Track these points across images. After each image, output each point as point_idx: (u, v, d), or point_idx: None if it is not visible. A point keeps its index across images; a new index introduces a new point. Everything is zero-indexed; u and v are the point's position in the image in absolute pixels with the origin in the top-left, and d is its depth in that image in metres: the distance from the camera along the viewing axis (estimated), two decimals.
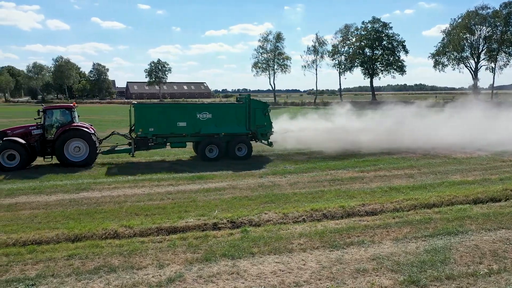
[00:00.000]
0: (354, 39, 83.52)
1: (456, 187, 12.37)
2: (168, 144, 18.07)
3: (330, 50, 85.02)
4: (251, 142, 18.60)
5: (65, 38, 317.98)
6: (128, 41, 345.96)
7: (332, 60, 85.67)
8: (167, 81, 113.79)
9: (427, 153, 19.06)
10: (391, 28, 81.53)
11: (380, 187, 12.62)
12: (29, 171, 15.58)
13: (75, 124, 16.82)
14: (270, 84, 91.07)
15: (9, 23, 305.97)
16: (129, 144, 17.77)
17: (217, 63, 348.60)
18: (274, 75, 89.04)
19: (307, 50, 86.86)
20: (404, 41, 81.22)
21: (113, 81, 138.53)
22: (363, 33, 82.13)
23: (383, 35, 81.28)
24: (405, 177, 14.07)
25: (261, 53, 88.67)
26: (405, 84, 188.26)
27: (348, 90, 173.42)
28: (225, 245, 8.02)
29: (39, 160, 16.87)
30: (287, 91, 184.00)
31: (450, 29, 74.84)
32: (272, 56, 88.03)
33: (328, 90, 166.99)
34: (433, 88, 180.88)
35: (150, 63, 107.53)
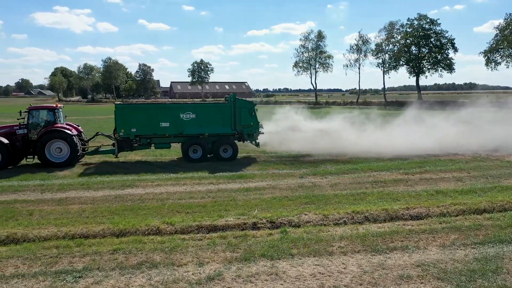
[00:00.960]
0: (399, 37, 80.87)
1: (509, 192, 11.64)
2: (152, 145, 17.92)
3: (374, 49, 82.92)
4: (237, 142, 18.23)
5: (114, 40, 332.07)
6: (173, 42, 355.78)
7: (376, 58, 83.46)
8: (210, 80, 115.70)
9: (477, 155, 18.10)
10: (439, 24, 78.19)
11: (425, 190, 12.12)
12: (78, 167, 16.30)
13: (57, 125, 16.82)
14: (312, 83, 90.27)
15: (63, 26, 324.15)
16: (113, 144, 17.79)
17: (258, 62, 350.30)
18: (315, 74, 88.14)
19: (350, 49, 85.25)
20: (454, 38, 77.34)
21: (158, 81, 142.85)
22: (408, 30, 79.33)
23: (431, 32, 78.08)
24: (453, 180, 13.43)
25: (302, 52, 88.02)
26: (453, 83, 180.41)
27: (392, 89, 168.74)
28: (264, 245, 7.99)
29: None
30: (329, 90, 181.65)
31: (504, 24, 70.68)
32: (313, 55, 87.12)
33: (371, 89, 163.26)
34: (484, 86, 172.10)
35: (193, 63, 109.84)
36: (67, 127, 17.02)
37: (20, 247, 7.98)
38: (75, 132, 16.99)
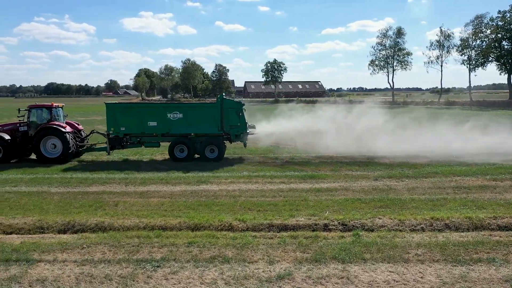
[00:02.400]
0: (489, 31, 74.37)
1: None
2: (143, 143, 18.20)
3: (459, 44, 77.21)
4: (224, 143, 18.14)
5: (192, 42, 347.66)
6: (248, 42, 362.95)
7: (461, 55, 77.64)
8: (283, 80, 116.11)
9: None
10: None
11: None
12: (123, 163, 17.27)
13: (53, 122, 17.70)
14: (388, 82, 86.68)
15: (147, 30, 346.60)
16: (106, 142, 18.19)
17: (333, 61, 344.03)
18: (393, 72, 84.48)
19: (431, 45, 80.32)
20: None
21: (232, 80, 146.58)
22: (500, 23, 72.62)
23: None
24: None
25: (380, 50, 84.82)
26: None
27: (479, 88, 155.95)
28: (335, 247, 7.84)
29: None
30: (407, 89, 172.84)
31: None
32: (391, 53, 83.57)
33: (454, 88, 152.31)
34: None
35: (267, 63, 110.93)
36: (62, 124, 17.91)
37: (106, 235, 8.67)
38: (69, 130, 17.90)
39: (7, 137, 17.36)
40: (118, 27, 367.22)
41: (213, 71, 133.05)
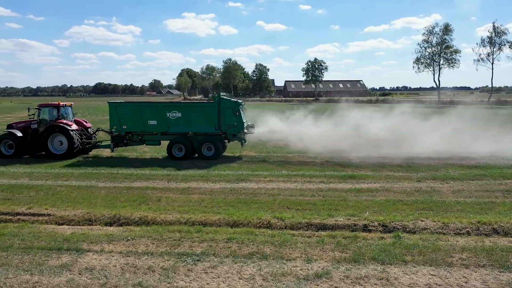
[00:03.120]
0: None
1: None
2: (144, 141, 18.60)
3: None
4: (221, 142, 18.22)
5: (233, 42, 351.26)
6: (288, 41, 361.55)
7: None
8: (323, 79, 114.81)
9: None
10: None
11: None
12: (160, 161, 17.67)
13: (60, 121, 18.53)
14: (434, 80, 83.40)
15: (190, 31, 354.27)
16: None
17: (376, 60, 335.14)
18: (439, 71, 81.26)
19: (482, 42, 76.48)
20: None
21: (273, 80, 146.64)
22: None
23: None
24: None
25: (425, 48, 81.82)
26: None
27: None
28: (375, 248, 7.73)
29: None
30: (454, 88, 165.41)
31: None
32: (438, 50, 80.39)
33: (506, 87, 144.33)
34: None
35: (307, 62, 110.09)
36: (68, 123, 18.69)
37: (150, 228, 9.01)
38: (75, 128, 18.70)
39: (19, 134, 18.54)
40: (162, 28, 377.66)
41: (254, 71, 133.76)
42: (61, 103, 19.45)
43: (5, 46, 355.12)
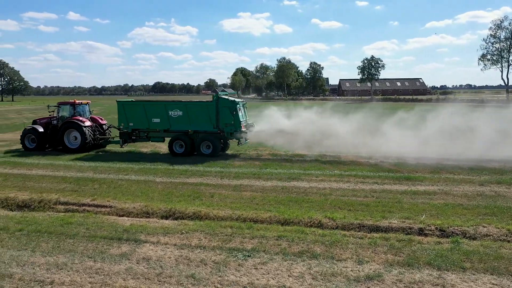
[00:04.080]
0: None
1: None
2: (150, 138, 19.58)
3: None
4: (220, 140, 18.66)
5: (288, 40, 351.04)
6: (344, 39, 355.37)
7: None
8: (380, 77, 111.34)
9: None
10: None
11: None
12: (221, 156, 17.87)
13: (75, 117, 20.13)
14: (502, 78, 77.96)
15: (245, 30, 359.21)
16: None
17: (437, 57, 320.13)
18: (508, 68, 75.78)
19: None
20: None
21: (327, 78, 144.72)
22: None
23: None
24: None
25: (492, 43, 76.63)
26: None
27: None
28: (430, 253, 7.43)
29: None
30: None
31: None
32: (506, 46, 75.00)
33: None
34: None
35: (363, 60, 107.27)
36: (82, 119, 20.18)
37: (203, 223, 9.30)
38: (88, 124, 20.19)
39: (40, 129, 20.39)
40: (218, 28, 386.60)
41: (307, 69, 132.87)
42: (76, 101, 21.23)
43: (74, 48, 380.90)
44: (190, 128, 18.67)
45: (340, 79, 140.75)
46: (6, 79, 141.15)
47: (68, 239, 8.39)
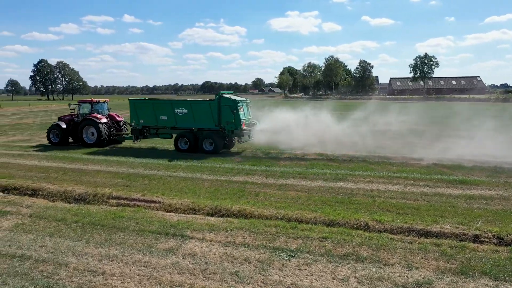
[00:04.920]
0: None
1: None
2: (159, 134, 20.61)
3: None
4: (222, 138, 19.13)
5: (337, 38, 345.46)
6: (395, 36, 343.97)
7: None
8: (433, 76, 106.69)
9: None
10: None
11: None
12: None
13: (93, 115, 21.58)
14: None
15: (293, 29, 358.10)
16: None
17: (498, 53, 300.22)
18: None
19: None
20: None
21: (376, 77, 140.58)
22: None
23: None
24: None
25: None
26: None
27: None
28: (486, 261, 7.00)
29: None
30: None
31: None
32: None
33: None
34: None
35: (416, 58, 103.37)
36: (98, 116, 21.63)
37: (247, 221, 9.35)
38: (104, 121, 21.62)
39: (63, 125, 22.10)
40: (266, 27, 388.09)
41: (356, 68, 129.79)
42: (94, 100, 22.80)
43: (129, 49, 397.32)
44: (194, 125, 19.50)
45: (390, 78, 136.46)
46: (66, 79, 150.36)
47: (119, 232, 8.75)
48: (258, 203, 10.73)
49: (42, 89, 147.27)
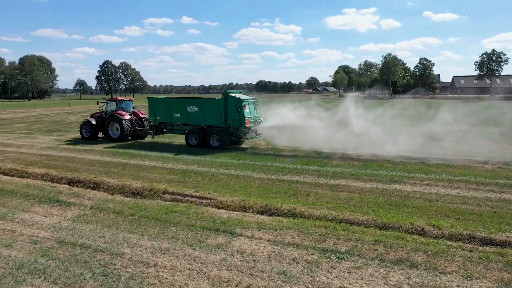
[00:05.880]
0: None
1: None
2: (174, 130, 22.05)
3: None
4: (228, 134, 20.09)
5: (395, 36, 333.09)
6: (460, 32, 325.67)
7: None
8: (502, 73, 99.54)
9: None
10: None
11: None
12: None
13: (118, 112, 23.44)
14: None
15: (349, 27, 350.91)
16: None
17: None
18: None
19: None
20: None
21: (438, 75, 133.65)
22: None
23: None
24: None
25: None
26: None
27: None
28: None
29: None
30: None
31: None
32: None
33: None
34: None
35: (482, 55, 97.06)
36: (122, 113, 23.45)
37: (297, 221, 9.26)
38: (127, 117, 23.37)
39: (93, 122, 24.43)
40: (321, 26, 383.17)
41: (416, 65, 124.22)
42: (119, 98, 25.02)
43: (187, 50, 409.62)
44: (203, 122, 20.70)
45: (453, 76, 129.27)
46: (128, 79, 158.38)
47: (172, 227, 9.03)
48: (309, 203, 10.59)
49: (106, 88, 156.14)
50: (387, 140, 18.67)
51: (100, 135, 24.75)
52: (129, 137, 23.64)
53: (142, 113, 24.81)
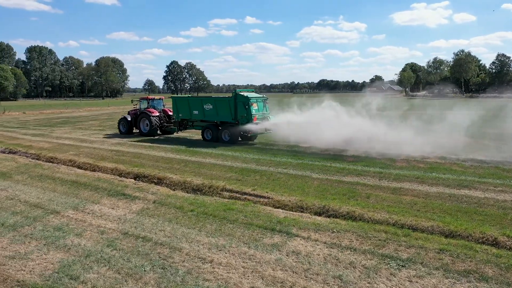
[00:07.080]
0: None
1: None
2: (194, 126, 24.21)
3: None
4: (239, 130, 21.45)
5: (470, 31, 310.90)
6: None
7: None
8: None
9: None
10: None
11: None
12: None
13: (148, 109, 26.07)
14: None
15: (418, 23, 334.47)
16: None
17: None
18: None
19: None
20: None
21: None
22: None
23: None
24: None
25: None
26: None
27: None
28: None
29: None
30: None
31: None
32: None
33: None
34: None
35: None
36: (151, 110, 25.93)
37: (355, 224, 8.97)
38: (156, 114, 25.75)
39: (129, 118, 27.08)
40: (387, 22, 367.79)
41: (493, 62, 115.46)
42: (150, 97, 27.56)
43: (249, 50, 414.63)
44: (217, 119, 22.68)
45: None
46: (193, 79, 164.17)
47: (229, 224, 9.15)
48: (369, 205, 10.21)
49: (172, 87, 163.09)
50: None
51: (135, 130, 27.50)
52: (159, 132, 26.56)
53: (170, 111, 26.47)
